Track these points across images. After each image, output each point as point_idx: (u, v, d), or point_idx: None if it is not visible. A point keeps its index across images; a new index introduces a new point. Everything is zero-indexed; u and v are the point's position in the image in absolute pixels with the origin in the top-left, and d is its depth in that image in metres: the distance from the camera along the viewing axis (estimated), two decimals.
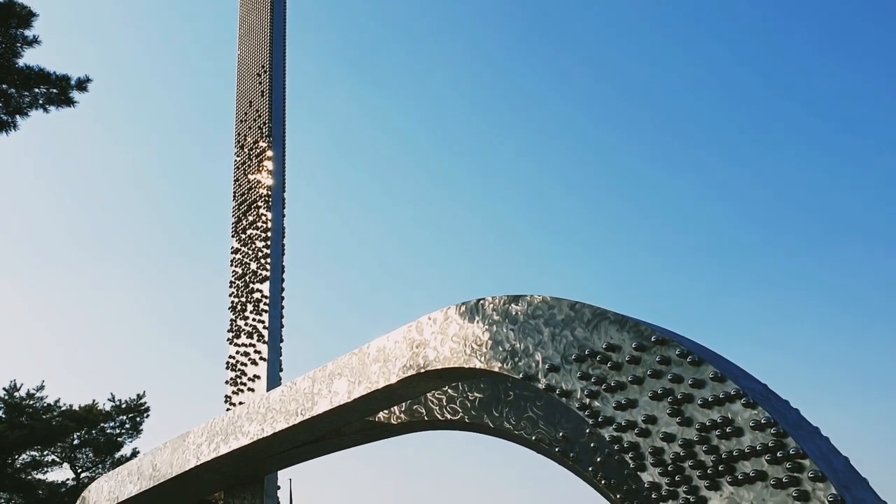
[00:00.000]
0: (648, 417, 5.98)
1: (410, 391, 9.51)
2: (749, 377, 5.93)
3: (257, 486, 13.17)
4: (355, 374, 9.74)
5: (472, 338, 7.94)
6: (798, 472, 5.05)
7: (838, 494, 4.84)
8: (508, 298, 7.70)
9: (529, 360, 7.15)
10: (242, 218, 15.41)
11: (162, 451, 13.44)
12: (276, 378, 13.67)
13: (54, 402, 33.42)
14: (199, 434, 12.68)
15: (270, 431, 11.03)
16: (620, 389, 6.23)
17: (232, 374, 14.20)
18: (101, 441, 34.04)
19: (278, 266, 14.64)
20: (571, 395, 6.62)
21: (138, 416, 35.09)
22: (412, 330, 8.91)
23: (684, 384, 5.81)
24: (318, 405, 10.28)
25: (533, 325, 7.25)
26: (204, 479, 13.08)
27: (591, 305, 6.84)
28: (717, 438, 5.52)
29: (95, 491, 15.34)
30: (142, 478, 13.68)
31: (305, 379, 10.68)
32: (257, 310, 14.27)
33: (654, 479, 5.86)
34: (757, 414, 5.34)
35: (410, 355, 8.85)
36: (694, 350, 5.93)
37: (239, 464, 12.29)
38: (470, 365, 7.95)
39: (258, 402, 11.64)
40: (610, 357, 6.38)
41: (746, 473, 5.31)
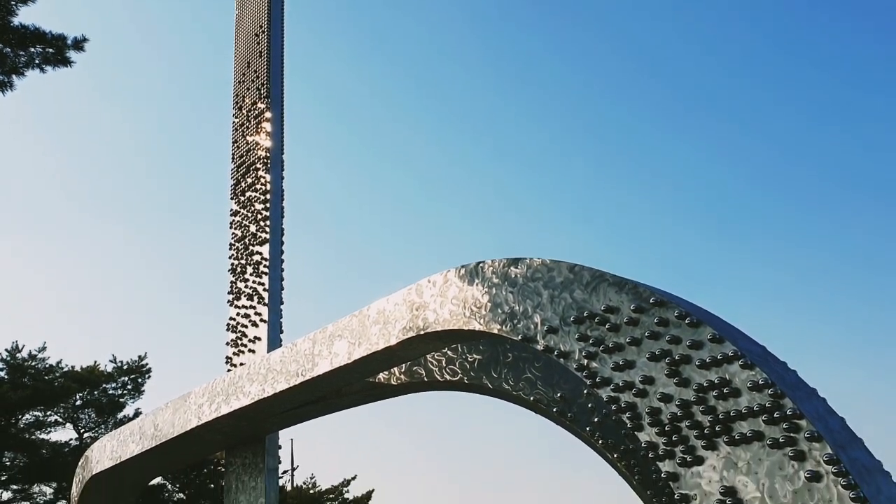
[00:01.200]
0: (646, 378, 6.02)
1: (410, 352, 9.58)
2: (747, 339, 5.96)
3: (258, 445, 13.31)
4: (355, 336, 9.79)
5: (471, 300, 7.97)
6: (794, 433, 5.10)
7: (834, 454, 4.89)
8: (508, 261, 7.71)
9: (528, 322, 7.18)
10: (241, 180, 15.36)
11: (163, 411, 13.57)
12: (277, 340, 13.75)
13: (56, 364, 33.64)
14: (200, 394, 12.78)
15: (271, 392, 11.12)
16: (618, 350, 6.27)
17: (232, 335, 14.27)
18: (103, 402, 34.31)
19: (278, 228, 14.63)
20: (569, 356, 6.66)
21: (140, 378, 35.32)
22: (412, 293, 8.94)
23: (682, 345, 5.84)
24: (318, 366, 10.35)
25: (532, 287, 7.27)
26: (205, 439, 13.22)
27: (590, 268, 6.85)
28: (715, 399, 5.56)
29: (98, 450, 15.52)
30: (144, 437, 13.83)
31: (306, 340, 10.74)
32: (257, 272, 14.30)
33: (650, 438, 5.92)
34: (755, 375, 5.38)
35: (410, 317, 8.89)
36: (692, 311, 5.95)
37: (240, 423, 12.41)
38: (469, 327, 7.99)
39: (259, 363, 11.72)
40: (608, 319, 6.40)
41: (743, 433, 5.37)
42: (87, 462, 15.77)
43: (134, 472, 15.17)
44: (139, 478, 15.93)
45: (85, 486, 15.52)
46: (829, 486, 4.87)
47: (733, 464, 5.40)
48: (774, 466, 5.16)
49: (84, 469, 15.79)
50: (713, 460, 5.53)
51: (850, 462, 4.91)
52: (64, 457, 31.73)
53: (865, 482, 4.82)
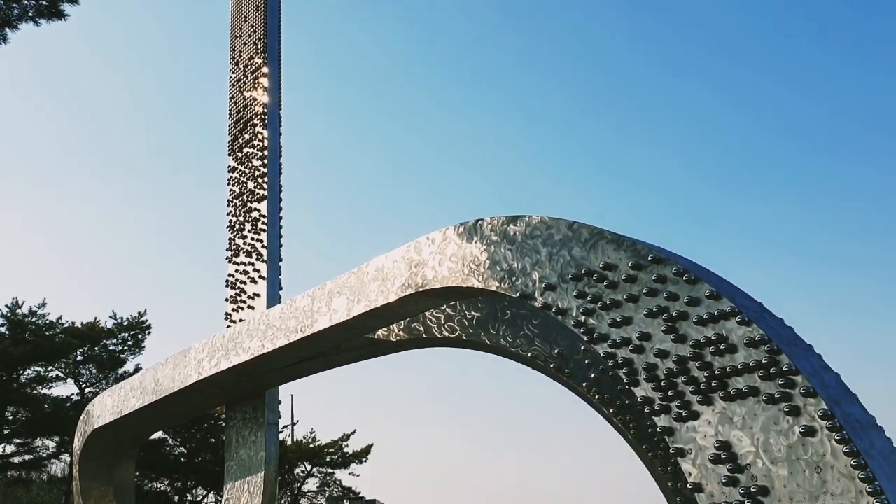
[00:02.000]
0: (643, 334, 6.06)
1: (409, 309, 9.61)
2: (745, 295, 5.98)
3: (258, 400, 13.44)
4: (354, 293, 9.82)
5: (470, 258, 7.98)
6: (790, 388, 5.15)
7: (828, 409, 4.94)
8: (507, 219, 7.69)
9: (526, 280, 7.19)
10: (239, 136, 15.26)
11: (164, 366, 13.67)
12: (276, 296, 13.79)
13: (56, 320, 33.77)
14: (200, 350, 12.86)
15: (271, 347, 11.19)
16: (616, 307, 6.30)
17: (232, 292, 14.31)
18: (103, 357, 34.51)
19: (276, 185, 14.58)
20: (567, 313, 6.69)
21: (140, 334, 35.49)
22: (411, 250, 8.94)
23: (679, 302, 5.87)
24: (317, 322, 10.40)
25: (531, 245, 7.27)
26: (205, 394, 13.34)
27: (588, 225, 6.84)
28: (711, 355, 5.60)
29: (99, 405, 15.66)
30: (144, 392, 13.95)
31: (305, 297, 10.78)
32: (255, 229, 14.28)
33: (646, 393, 5.97)
34: (751, 331, 5.41)
35: (409, 275, 8.91)
36: (690, 269, 5.96)
37: (240, 379, 12.51)
38: (468, 284, 8.01)
39: (258, 319, 11.76)
40: (606, 276, 6.42)
41: (739, 389, 5.42)
42: (89, 417, 15.93)
43: (135, 426, 15.33)
44: (140, 432, 16.11)
45: (87, 440, 15.70)
46: (823, 440, 4.93)
47: (728, 419, 5.46)
48: (769, 421, 5.22)
49: (86, 423, 15.96)
50: (708, 415, 5.58)
51: (845, 417, 4.96)
52: (66, 411, 32.01)
53: (859, 437, 4.88)
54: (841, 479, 4.80)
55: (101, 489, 16.07)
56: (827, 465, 4.88)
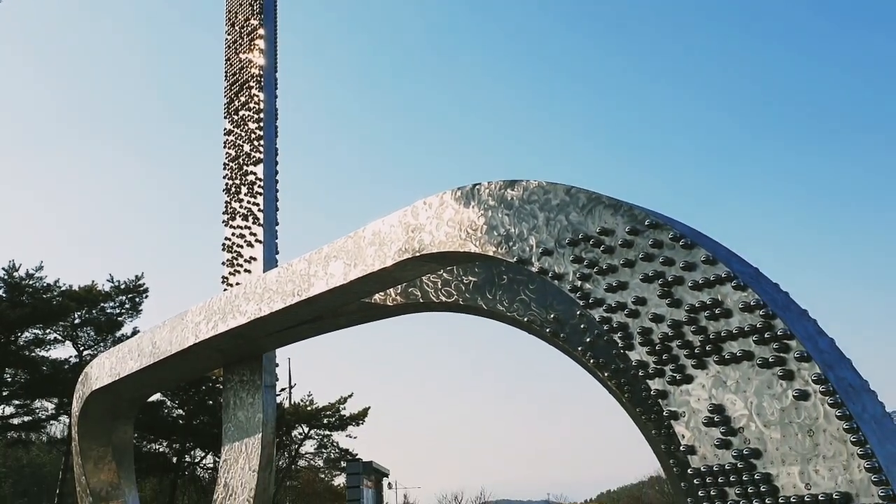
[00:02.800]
0: (638, 299, 6.07)
1: (405, 274, 9.62)
2: (741, 260, 5.99)
3: (255, 362, 13.51)
4: (351, 257, 9.82)
5: (467, 222, 7.97)
6: (784, 353, 5.18)
7: (822, 374, 4.98)
8: (504, 183, 7.67)
9: (523, 245, 7.20)
10: (234, 99, 15.14)
11: (161, 329, 13.71)
12: (272, 260, 13.79)
13: (54, 283, 33.80)
14: (197, 313, 12.89)
15: (268, 311, 11.22)
16: (612, 272, 6.31)
17: (228, 255, 14.30)
18: (101, 320, 34.59)
19: (271, 148, 14.50)
20: (563, 278, 6.70)
21: (137, 297, 35.54)
22: (408, 214, 8.92)
23: (675, 267, 5.87)
24: (314, 286, 10.41)
25: (528, 209, 7.26)
26: (203, 357, 13.40)
27: (586, 190, 6.83)
28: (706, 319, 5.62)
29: (97, 367, 15.73)
30: (142, 355, 14.00)
31: (301, 261, 10.78)
32: (252, 192, 14.23)
33: (641, 357, 6.01)
34: (746, 296, 5.42)
35: (406, 239, 8.90)
36: (686, 234, 5.96)
37: (237, 342, 12.56)
38: (465, 249, 8.01)
39: (255, 283, 11.78)
40: (603, 241, 6.42)
41: (733, 353, 5.45)
42: (87, 378, 16.01)
43: (133, 388, 15.43)
44: (138, 394, 16.21)
45: (85, 402, 15.81)
46: (816, 404, 4.97)
47: (722, 382, 5.50)
48: (763, 385, 5.26)
49: (84, 385, 16.05)
50: (702, 379, 5.62)
51: (838, 381, 5.00)
52: (64, 373, 32.17)
53: (852, 400, 4.92)
54: (833, 442, 4.85)
55: (99, 450, 16.22)
56: (819, 428, 4.92)
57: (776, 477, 5.11)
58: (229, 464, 13.28)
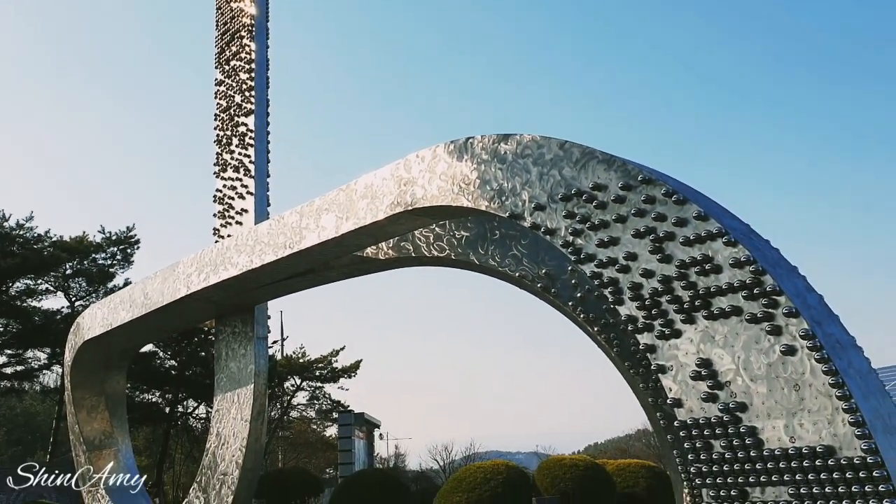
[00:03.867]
0: (629, 255, 6.09)
1: (398, 228, 9.60)
2: (732, 217, 5.99)
3: (247, 314, 13.55)
4: (343, 210, 9.79)
5: (460, 176, 7.93)
6: (773, 308, 5.21)
7: (809, 329, 5.02)
8: (498, 137, 7.61)
9: (516, 199, 7.18)
10: (226, 48, 14.93)
11: (153, 280, 13.70)
12: (264, 212, 13.75)
13: (44, 233, 33.60)
14: (188, 264, 12.88)
15: (259, 263, 11.21)
16: (604, 227, 6.31)
17: (220, 207, 14.24)
18: (93, 271, 34.52)
19: (263, 99, 14.36)
20: (556, 233, 6.70)
21: (129, 248, 35.43)
22: (400, 167, 8.87)
23: (667, 222, 5.88)
24: (305, 239, 10.39)
25: (521, 164, 7.22)
26: (194, 308, 13.42)
27: (580, 145, 6.79)
28: (696, 275, 5.65)
29: (89, 317, 15.76)
30: (134, 305, 14.02)
31: (293, 213, 10.74)
32: (243, 144, 14.12)
33: (631, 312, 6.05)
34: (737, 252, 5.44)
35: (398, 192, 8.86)
36: (679, 189, 5.95)
37: (229, 293, 12.58)
38: (457, 203, 7.98)
39: (246, 235, 11.75)
40: (596, 196, 6.40)
41: (722, 308, 5.49)
42: (79, 329, 16.05)
43: (125, 338, 15.48)
44: (130, 344, 16.27)
45: (77, 352, 15.87)
46: (803, 359, 5.02)
47: (710, 337, 5.55)
48: (751, 340, 5.31)
49: (76, 335, 16.10)
50: (691, 333, 5.67)
51: (825, 337, 5.05)
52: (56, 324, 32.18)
53: (838, 356, 4.97)
54: (818, 396, 4.92)
55: (92, 399, 16.33)
56: (805, 383, 4.99)
57: (761, 430, 5.19)
58: (222, 414, 13.41)
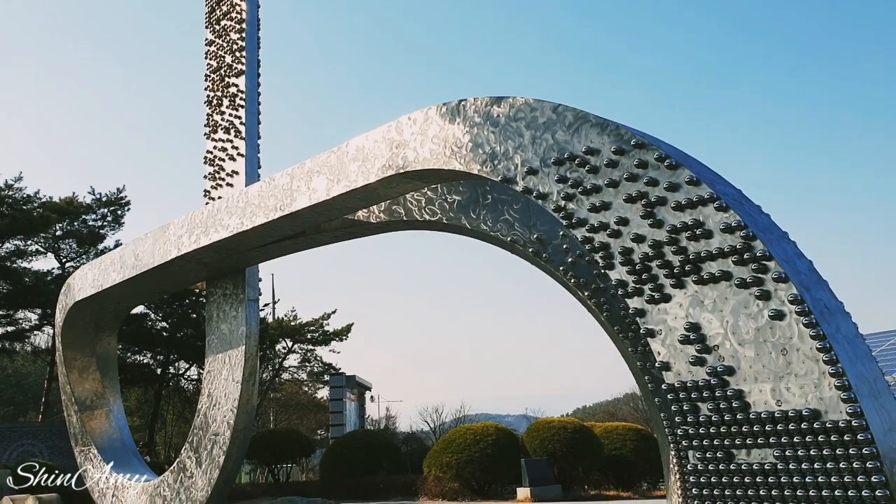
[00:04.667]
0: (621, 219, 6.09)
1: (389, 191, 9.57)
2: (724, 182, 5.99)
3: (239, 276, 13.55)
4: (334, 173, 9.74)
5: (452, 139, 7.88)
6: (762, 273, 5.24)
7: (798, 294, 5.05)
8: (491, 100, 7.56)
9: (508, 163, 7.15)
10: (216, 7, 14.71)
11: (143, 241, 13.66)
12: (255, 174, 13.68)
13: (34, 194, 33.35)
14: (179, 226, 12.83)
15: (250, 225, 11.18)
16: (596, 192, 6.30)
17: (210, 168, 14.16)
18: (83, 232, 34.35)
19: (254, 60, 14.20)
20: (548, 198, 6.69)
21: (119, 209, 35.20)
22: (392, 130, 8.81)
23: (659, 187, 5.87)
24: (296, 201, 10.35)
25: (514, 127, 7.18)
26: (185, 269, 13.41)
27: (573, 108, 6.75)
28: (687, 240, 5.66)
29: (80, 278, 15.73)
30: (125, 267, 13.99)
31: (284, 175, 10.68)
32: (234, 105, 14.00)
33: (621, 277, 6.07)
34: (728, 217, 5.45)
35: (390, 155, 8.81)
36: (672, 154, 5.94)
37: (220, 255, 12.55)
38: (449, 167, 7.94)
39: (237, 197, 11.70)
40: (588, 161, 6.38)
41: (712, 273, 5.51)
42: (70, 289, 16.03)
43: (116, 299, 15.47)
44: (121, 306, 16.27)
45: (68, 313, 15.87)
46: (791, 324, 5.06)
47: (700, 302, 5.58)
48: (740, 305, 5.34)
49: (66, 296, 16.08)
50: (680, 298, 5.70)
51: (814, 302, 5.08)
52: (47, 285, 32.10)
53: (826, 321, 5.01)
54: (806, 360, 4.96)
55: (84, 360, 16.38)
56: (793, 347, 5.03)
57: (748, 393, 5.25)
58: (213, 375, 13.46)
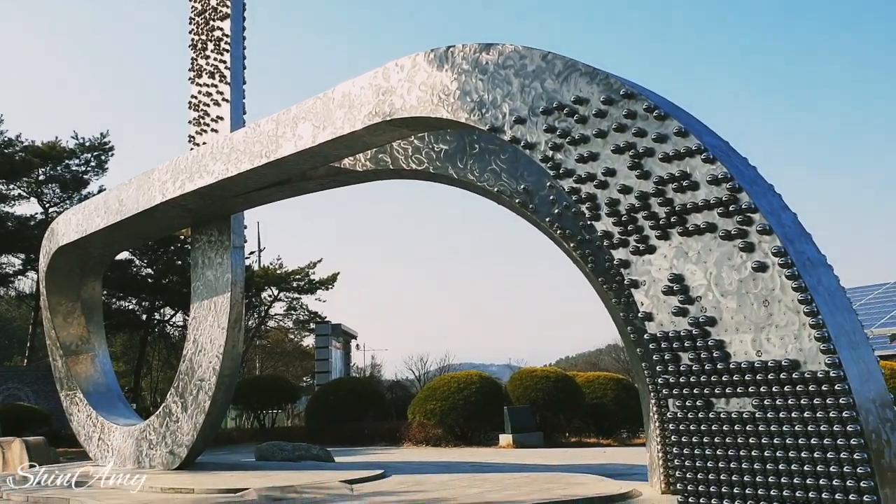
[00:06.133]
0: (608, 170, 6.08)
1: (376, 139, 9.49)
2: (712, 134, 5.98)
3: (224, 223, 13.49)
4: (320, 119, 9.64)
5: (439, 87, 7.80)
6: (747, 226, 5.27)
7: (782, 247, 5.09)
8: (479, 47, 7.46)
9: (497, 112, 7.09)
10: None
11: (128, 186, 13.54)
12: (240, 120, 13.52)
13: (15, 137, 32.81)
14: (163, 172, 12.72)
15: (235, 172, 11.09)
16: (584, 142, 6.27)
17: (195, 114, 13.97)
18: (66, 177, 33.88)
19: (239, 3, 13.93)
20: (536, 148, 6.66)
21: (103, 154, 34.68)
22: (378, 76, 8.70)
23: (647, 138, 5.85)
24: (282, 148, 10.26)
25: (503, 75, 7.10)
26: (170, 215, 13.33)
27: (563, 57, 6.68)
28: (673, 191, 5.67)
29: (64, 223, 15.61)
30: (109, 212, 13.89)
31: (269, 121, 10.56)
32: (218, 49, 13.76)
33: (607, 228, 6.08)
34: (715, 169, 5.45)
35: (376, 102, 8.72)
36: (660, 105, 5.90)
37: (204, 201, 12.47)
38: (436, 115, 7.88)
39: (222, 143, 11.58)
40: (577, 110, 6.34)
41: (697, 225, 5.53)
42: (53, 234, 15.92)
43: (100, 245, 15.39)
44: (106, 251, 16.19)
45: (52, 258, 15.79)
46: (774, 276, 5.11)
47: (684, 253, 5.61)
48: (723, 257, 5.38)
49: (50, 241, 15.98)
50: (665, 249, 5.73)
51: (797, 255, 5.12)
52: (30, 230, 31.76)
53: (808, 273, 5.06)
54: (787, 312, 5.02)
55: (68, 305, 16.35)
56: (775, 298, 5.08)
57: (729, 344, 5.32)
58: (198, 321, 13.48)
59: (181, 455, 13.31)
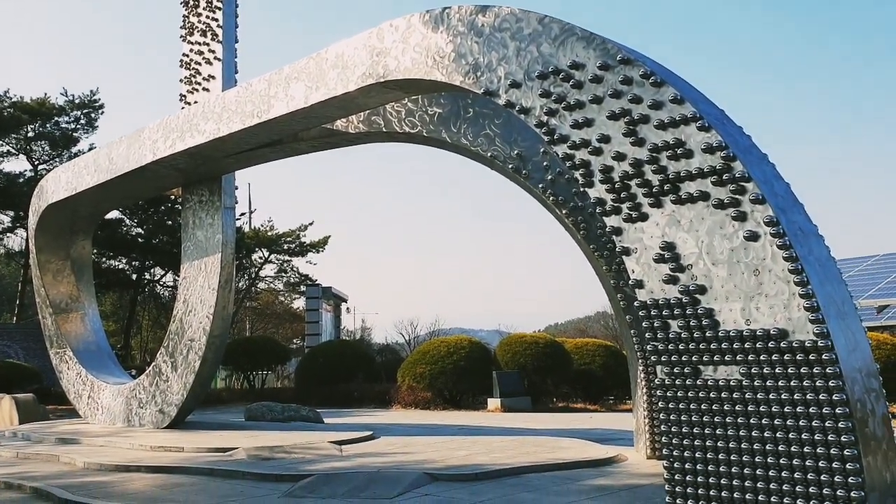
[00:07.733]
0: (602, 137, 6.04)
1: (369, 100, 9.41)
2: (708, 102, 5.94)
3: (215, 184, 13.41)
4: (313, 80, 9.54)
5: (434, 49, 7.71)
6: (740, 195, 5.25)
7: (774, 216, 5.08)
8: (476, 9, 7.36)
9: (492, 76, 7.02)
10: None
11: (118, 145, 13.42)
12: (232, 79, 13.38)
13: (4, 93, 32.41)
14: (154, 130, 12.60)
15: (226, 131, 10.99)
16: (579, 108, 6.23)
17: (186, 72, 13.81)
18: (56, 135, 33.56)
19: None
20: (530, 112, 6.61)
21: (93, 112, 34.33)
22: (373, 37, 8.59)
23: (642, 105, 5.81)
24: (274, 108, 10.17)
25: (499, 38, 7.02)
26: (161, 174, 13.24)
27: (560, 20, 6.60)
28: (667, 159, 5.64)
29: (53, 181, 15.49)
30: (99, 170, 13.78)
31: (261, 81, 10.45)
32: (210, 6, 13.56)
33: (600, 195, 6.06)
34: (709, 137, 5.42)
35: (370, 63, 8.62)
36: (657, 71, 5.85)
37: (195, 161, 12.38)
38: (431, 77, 7.79)
39: (214, 102, 11.46)
40: (573, 75, 6.28)
41: (690, 193, 5.51)
42: (43, 192, 15.80)
43: (90, 203, 15.30)
44: (95, 210, 16.10)
45: (41, 215, 15.69)
46: (765, 245, 5.11)
47: (676, 221, 5.60)
48: (716, 226, 5.38)
49: (39, 199, 15.87)
50: (657, 217, 5.72)
51: (789, 224, 5.12)
52: (19, 187, 31.53)
53: (799, 243, 5.06)
54: (777, 281, 5.03)
55: (58, 263, 16.29)
56: (765, 268, 5.09)
57: (718, 312, 5.34)
58: (189, 281, 13.47)
59: (171, 414, 13.37)
